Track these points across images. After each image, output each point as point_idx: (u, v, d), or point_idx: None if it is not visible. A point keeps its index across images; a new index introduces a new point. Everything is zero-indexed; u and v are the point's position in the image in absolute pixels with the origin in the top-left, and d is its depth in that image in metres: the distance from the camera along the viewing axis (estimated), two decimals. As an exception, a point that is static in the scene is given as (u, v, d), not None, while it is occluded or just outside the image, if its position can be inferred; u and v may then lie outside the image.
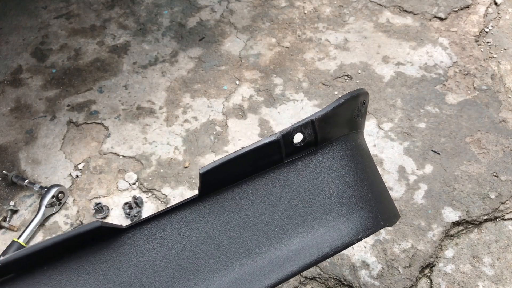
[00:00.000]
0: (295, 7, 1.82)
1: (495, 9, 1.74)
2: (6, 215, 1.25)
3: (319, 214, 0.59)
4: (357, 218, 0.60)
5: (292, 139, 0.57)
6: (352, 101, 0.61)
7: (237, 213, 0.57)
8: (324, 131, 0.59)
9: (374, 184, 0.66)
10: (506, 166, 1.28)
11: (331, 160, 0.61)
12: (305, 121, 0.57)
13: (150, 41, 1.73)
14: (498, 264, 1.11)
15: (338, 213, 0.60)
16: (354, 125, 0.66)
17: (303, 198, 0.59)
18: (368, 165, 0.67)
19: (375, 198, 0.64)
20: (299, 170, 0.60)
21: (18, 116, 1.51)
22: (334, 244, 0.58)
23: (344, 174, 0.62)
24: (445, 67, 1.56)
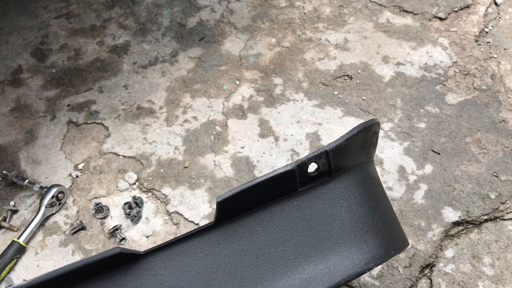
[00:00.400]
0: (295, 7, 1.82)
1: (495, 9, 1.74)
2: (6, 215, 1.25)
3: (331, 243, 0.60)
4: (368, 247, 0.61)
5: (306, 168, 0.58)
6: (365, 132, 0.63)
7: (252, 241, 0.58)
8: (338, 161, 0.60)
9: (385, 213, 0.67)
10: (506, 166, 1.28)
11: (344, 189, 0.62)
12: (320, 152, 0.58)
13: (150, 41, 1.73)
14: (498, 264, 1.11)
15: (350, 242, 0.61)
16: (366, 154, 0.67)
17: (316, 226, 0.60)
18: (379, 194, 0.68)
19: (386, 227, 0.65)
20: (312, 199, 0.61)
21: (18, 116, 1.51)
22: (346, 273, 0.58)
23: (356, 203, 0.63)
24: (445, 67, 1.56)
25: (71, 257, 1.18)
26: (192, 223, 1.22)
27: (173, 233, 1.22)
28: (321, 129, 1.41)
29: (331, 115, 1.45)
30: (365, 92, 1.51)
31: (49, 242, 1.21)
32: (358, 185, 0.64)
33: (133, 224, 1.23)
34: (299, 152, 1.36)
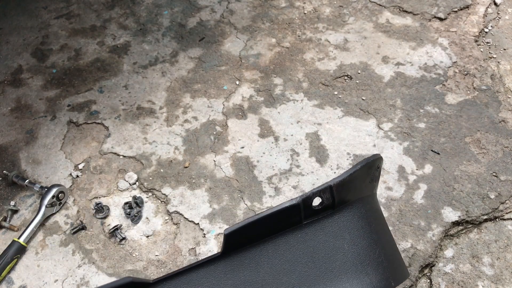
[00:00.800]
0: (295, 7, 1.83)
1: (495, 9, 1.74)
2: (6, 215, 1.26)
3: (334, 275, 0.61)
4: (369, 280, 0.62)
5: (311, 202, 0.60)
6: (368, 167, 0.64)
7: (257, 272, 0.60)
8: (341, 195, 0.62)
9: (386, 245, 0.68)
10: (505, 166, 1.28)
11: (347, 222, 0.64)
12: (324, 187, 0.60)
13: (150, 41, 1.74)
14: (497, 264, 1.12)
15: (352, 274, 0.62)
16: (369, 188, 0.69)
17: (319, 258, 0.61)
18: (381, 227, 0.70)
19: (387, 260, 0.66)
20: (316, 231, 0.62)
21: (19, 116, 1.52)
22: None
23: (358, 236, 0.64)
24: (444, 67, 1.56)
25: (72, 256, 1.18)
26: (192, 222, 1.22)
27: (173, 232, 1.22)
28: (321, 129, 1.42)
29: (331, 115, 1.45)
30: (365, 92, 1.51)
31: (50, 242, 1.21)
32: (360, 219, 0.65)
33: (133, 224, 1.23)
34: (299, 152, 1.36)
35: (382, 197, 1.24)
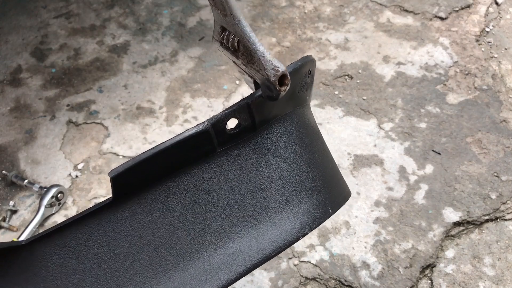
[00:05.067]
0: (295, 7, 1.82)
1: (496, 9, 1.73)
2: (5, 215, 1.25)
3: (259, 209, 0.52)
4: (302, 210, 0.53)
5: (224, 126, 0.49)
6: (295, 74, 0.52)
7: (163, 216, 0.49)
8: (263, 113, 0.50)
9: (322, 166, 0.58)
10: (507, 166, 1.28)
11: (272, 145, 0.53)
12: (239, 106, 0.48)
13: (150, 40, 1.73)
14: (499, 264, 1.11)
15: (280, 206, 0.52)
16: (298, 100, 0.57)
17: (240, 191, 0.51)
18: (315, 145, 0.59)
19: (323, 183, 0.56)
20: (235, 159, 0.51)
21: (18, 116, 1.51)
22: (277, 244, 0.51)
23: (287, 159, 0.54)
24: (445, 67, 1.55)
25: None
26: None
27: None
28: (322, 129, 1.41)
29: (332, 115, 1.45)
30: (365, 92, 1.50)
31: (49, 242, 1.21)
32: (289, 138, 0.55)
33: (133, 224, 1.23)
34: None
35: (383, 197, 1.24)
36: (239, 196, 0.51)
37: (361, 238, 1.17)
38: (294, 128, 0.55)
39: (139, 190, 0.49)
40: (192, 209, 0.50)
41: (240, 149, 0.52)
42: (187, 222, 0.50)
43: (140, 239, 0.49)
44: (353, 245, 1.16)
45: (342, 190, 0.61)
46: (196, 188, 0.50)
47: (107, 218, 0.48)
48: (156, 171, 0.48)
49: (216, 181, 0.51)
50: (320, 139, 0.62)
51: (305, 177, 0.54)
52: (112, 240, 0.48)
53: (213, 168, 0.50)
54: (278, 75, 0.46)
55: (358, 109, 1.46)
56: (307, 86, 0.58)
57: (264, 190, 0.52)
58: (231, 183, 0.51)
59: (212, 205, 0.50)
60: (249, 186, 0.52)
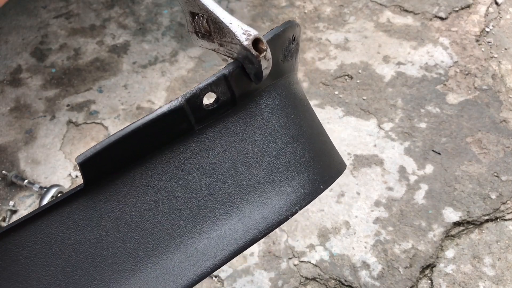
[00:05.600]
0: (295, 7, 1.82)
1: (496, 9, 1.73)
2: (5, 215, 1.25)
3: (244, 189, 0.48)
4: (291, 188, 0.50)
5: (200, 102, 0.45)
6: (276, 41, 0.49)
7: (141, 201, 0.46)
8: (243, 85, 0.46)
9: (311, 140, 0.54)
10: (507, 166, 1.28)
11: (256, 119, 0.49)
12: (216, 78, 0.44)
13: (150, 40, 1.73)
14: (499, 264, 1.11)
15: (267, 184, 0.49)
16: (282, 70, 0.53)
17: (223, 171, 0.48)
18: (303, 117, 0.55)
19: (313, 158, 0.53)
20: (216, 137, 0.47)
21: (18, 116, 1.51)
22: (265, 224, 0.47)
23: (272, 134, 0.50)
24: (445, 67, 1.55)
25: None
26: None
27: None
28: (322, 129, 1.41)
29: (332, 115, 1.45)
30: (365, 92, 1.50)
31: (49, 242, 1.21)
32: (273, 111, 0.50)
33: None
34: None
35: (383, 197, 1.24)
36: (221, 175, 0.48)
37: (361, 238, 1.17)
38: (279, 100, 0.51)
39: (113, 175, 0.45)
40: (172, 192, 0.46)
41: (220, 126, 0.47)
42: (167, 206, 0.46)
43: (117, 226, 0.45)
44: (353, 245, 1.16)
45: (335, 164, 0.57)
46: (175, 170, 0.47)
47: (79, 206, 0.45)
48: (129, 154, 0.44)
49: (196, 161, 0.47)
50: (308, 111, 0.58)
51: (292, 152, 0.51)
52: (86, 228, 0.45)
53: (192, 147, 0.47)
54: (251, 38, 0.43)
55: (358, 109, 1.46)
56: (292, 54, 0.54)
57: (248, 168, 0.49)
58: (213, 162, 0.47)
59: (193, 187, 0.47)
60: (232, 165, 0.48)
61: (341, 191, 1.26)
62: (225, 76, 0.44)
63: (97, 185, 0.45)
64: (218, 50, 0.49)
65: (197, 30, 0.50)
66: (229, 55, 0.47)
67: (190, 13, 0.50)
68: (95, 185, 0.45)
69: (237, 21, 0.44)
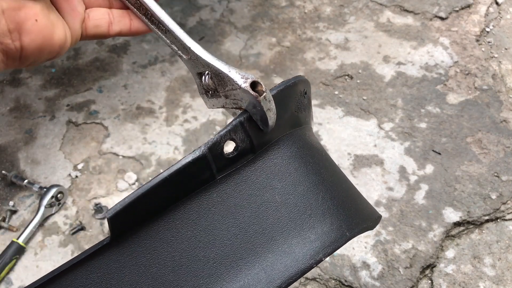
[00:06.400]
0: (295, 7, 1.82)
1: (496, 9, 1.73)
2: (5, 215, 1.25)
3: (266, 238, 0.48)
4: (314, 235, 0.49)
5: (221, 150, 0.46)
6: (288, 91, 0.50)
7: (165, 252, 0.47)
8: (260, 134, 0.48)
9: (333, 187, 0.54)
10: (507, 166, 1.28)
11: (275, 167, 0.50)
12: (234, 124, 0.45)
13: (149, 40, 1.73)
14: (499, 264, 1.11)
15: (289, 232, 0.49)
16: (297, 121, 0.54)
17: (245, 220, 0.48)
18: (322, 165, 0.55)
19: (336, 204, 0.52)
20: (236, 185, 0.48)
21: (18, 116, 1.51)
22: (288, 274, 0.47)
23: (292, 182, 0.50)
24: (446, 66, 1.55)
25: (71, 257, 1.17)
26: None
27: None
28: (322, 129, 1.41)
29: (332, 115, 1.45)
30: (365, 92, 1.50)
31: (49, 242, 1.21)
32: (292, 159, 0.51)
33: (133, 225, 1.23)
34: (300, 152, 1.35)
35: (383, 197, 1.24)
36: (243, 224, 0.48)
37: (361, 238, 1.17)
38: (296, 148, 0.52)
39: (137, 227, 0.46)
40: (195, 243, 0.47)
41: (240, 174, 0.48)
42: (190, 257, 0.47)
43: (141, 279, 0.46)
44: (353, 245, 1.16)
45: (362, 211, 0.57)
46: (197, 220, 0.47)
47: (104, 259, 0.45)
48: (153, 206, 0.45)
49: (217, 210, 0.47)
50: (328, 160, 0.58)
51: (314, 199, 0.50)
52: (111, 282, 0.46)
53: (213, 196, 0.47)
54: (249, 81, 0.45)
55: (358, 109, 1.46)
56: (305, 107, 0.56)
57: (270, 216, 0.48)
58: (235, 212, 0.48)
59: (215, 237, 0.47)
60: (253, 213, 0.48)
61: (341, 191, 1.26)
62: (241, 123, 0.46)
63: (122, 238, 0.45)
64: (225, 104, 0.50)
65: (205, 89, 0.53)
66: (235, 106, 0.49)
67: (198, 75, 0.52)
68: (120, 238, 0.45)
69: (235, 69, 0.46)
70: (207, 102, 0.55)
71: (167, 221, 0.46)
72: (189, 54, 0.52)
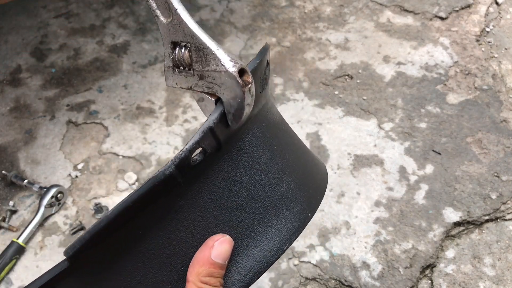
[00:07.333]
0: (295, 7, 1.82)
1: (496, 9, 1.73)
2: (5, 215, 1.25)
3: (234, 235, 0.46)
4: (280, 224, 0.48)
5: (188, 162, 0.42)
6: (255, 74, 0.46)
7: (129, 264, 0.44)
8: (227, 130, 0.44)
9: (295, 166, 0.52)
10: (507, 166, 1.28)
11: (240, 160, 0.47)
12: (202, 135, 0.41)
13: (149, 40, 1.73)
14: (499, 264, 1.11)
15: (256, 226, 0.47)
16: (261, 101, 0.50)
17: (212, 220, 0.45)
18: (285, 144, 0.52)
19: (299, 186, 0.51)
20: (202, 187, 0.45)
21: (18, 116, 1.51)
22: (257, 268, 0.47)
23: (258, 172, 0.48)
24: (446, 66, 1.55)
25: (71, 257, 1.17)
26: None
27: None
28: (322, 129, 1.41)
29: (332, 115, 1.45)
30: (365, 92, 1.50)
31: (49, 242, 1.21)
32: (257, 147, 0.48)
33: (133, 225, 1.23)
34: (300, 152, 1.35)
35: (383, 197, 1.24)
36: (210, 226, 0.46)
37: (361, 238, 1.17)
38: (261, 133, 0.49)
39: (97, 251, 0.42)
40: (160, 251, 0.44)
41: (206, 175, 0.45)
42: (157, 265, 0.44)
43: None
44: (353, 245, 1.16)
45: (318, 185, 0.55)
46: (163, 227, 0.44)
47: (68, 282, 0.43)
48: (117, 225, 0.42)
49: (182, 216, 0.44)
50: (288, 133, 0.55)
51: (279, 186, 0.49)
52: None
53: (177, 201, 0.44)
54: (238, 66, 0.40)
55: (358, 109, 1.45)
56: (267, 80, 0.51)
57: (238, 213, 0.47)
58: (200, 214, 0.45)
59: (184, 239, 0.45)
60: (220, 213, 0.46)
61: (341, 191, 1.26)
62: (211, 129, 0.41)
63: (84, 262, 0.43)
64: (195, 86, 0.45)
65: (175, 63, 0.46)
66: (208, 90, 0.44)
67: (171, 44, 0.45)
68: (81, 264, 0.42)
69: (224, 49, 0.42)
70: (169, 78, 0.47)
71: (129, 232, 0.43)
72: (171, 17, 0.44)
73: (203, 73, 0.43)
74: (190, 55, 0.44)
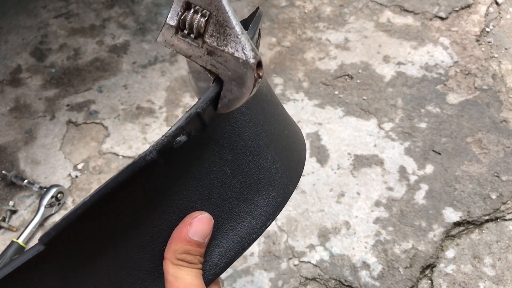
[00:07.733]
0: (295, 7, 1.82)
1: (496, 9, 1.73)
2: (5, 215, 1.25)
3: (218, 213, 0.45)
4: (263, 201, 0.47)
5: (171, 145, 0.39)
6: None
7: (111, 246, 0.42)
8: (214, 114, 0.42)
9: (280, 140, 0.51)
10: (507, 166, 1.28)
11: (224, 137, 0.45)
12: (188, 120, 0.38)
13: (149, 40, 1.73)
14: (499, 264, 1.11)
15: (240, 203, 0.46)
16: None
17: (197, 200, 0.44)
18: (270, 117, 0.50)
19: (282, 160, 0.49)
20: (185, 167, 0.43)
21: (17, 116, 1.51)
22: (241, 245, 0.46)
23: (243, 149, 0.46)
24: (446, 66, 1.55)
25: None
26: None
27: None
28: (322, 129, 1.41)
29: (332, 115, 1.45)
30: (365, 92, 1.50)
31: (49, 242, 1.21)
32: (243, 123, 0.46)
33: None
34: (300, 152, 1.35)
35: (383, 197, 1.24)
36: (193, 205, 0.44)
37: (361, 238, 1.17)
38: (247, 109, 0.47)
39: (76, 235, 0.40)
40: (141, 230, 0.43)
41: (189, 155, 0.42)
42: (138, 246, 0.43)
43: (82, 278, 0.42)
44: (353, 245, 1.16)
45: (299, 157, 0.54)
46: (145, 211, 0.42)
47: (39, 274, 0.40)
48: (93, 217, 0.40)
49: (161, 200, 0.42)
50: (274, 105, 0.53)
51: (263, 162, 0.48)
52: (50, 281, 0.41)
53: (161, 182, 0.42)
54: (257, 58, 0.37)
55: (358, 109, 1.45)
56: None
57: (222, 192, 0.46)
58: (183, 194, 0.44)
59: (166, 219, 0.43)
60: (205, 191, 0.45)
61: (341, 191, 1.26)
62: (198, 114, 0.39)
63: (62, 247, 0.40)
64: (197, 58, 0.41)
65: (182, 25, 0.41)
66: (210, 67, 0.40)
67: (185, 3, 0.40)
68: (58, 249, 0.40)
69: (247, 35, 0.38)
70: (166, 36, 0.42)
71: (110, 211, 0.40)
72: None
73: (216, 50, 0.39)
74: (205, 25, 0.39)
